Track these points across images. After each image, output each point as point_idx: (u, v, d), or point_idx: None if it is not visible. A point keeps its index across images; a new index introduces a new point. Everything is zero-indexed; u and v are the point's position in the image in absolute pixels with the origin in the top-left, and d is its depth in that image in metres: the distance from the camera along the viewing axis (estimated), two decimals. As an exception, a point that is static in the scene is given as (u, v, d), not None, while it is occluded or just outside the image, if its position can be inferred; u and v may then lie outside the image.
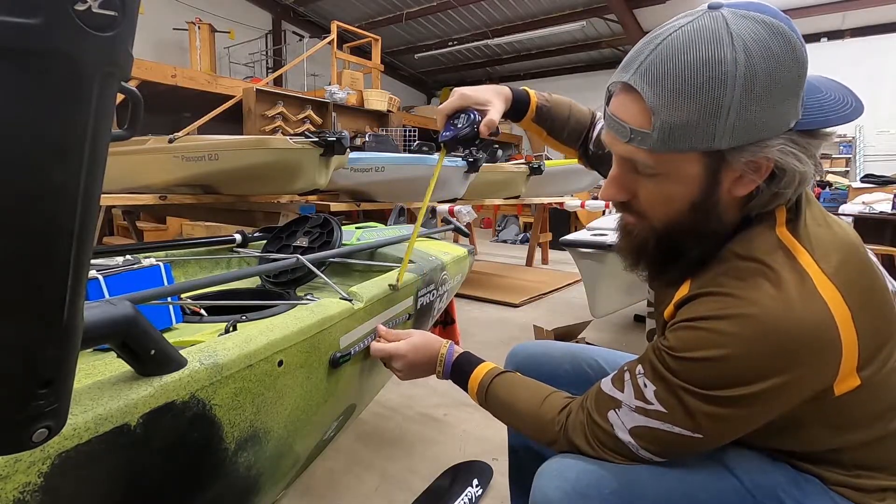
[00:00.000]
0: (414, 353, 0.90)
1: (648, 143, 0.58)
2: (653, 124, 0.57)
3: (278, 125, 4.52)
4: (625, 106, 0.60)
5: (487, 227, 9.44)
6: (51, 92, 0.29)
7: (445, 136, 0.90)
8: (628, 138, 0.60)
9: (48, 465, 0.46)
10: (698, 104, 0.54)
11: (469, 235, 2.93)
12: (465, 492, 1.38)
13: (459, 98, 0.90)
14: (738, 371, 0.56)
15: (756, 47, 0.53)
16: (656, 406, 0.62)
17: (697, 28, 0.55)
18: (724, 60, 0.53)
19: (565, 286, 4.23)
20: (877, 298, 0.60)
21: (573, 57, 10.48)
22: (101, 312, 0.50)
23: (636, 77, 0.58)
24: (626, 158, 0.63)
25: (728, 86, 0.53)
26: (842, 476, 0.63)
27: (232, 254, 1.51)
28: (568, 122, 1.00)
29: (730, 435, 0.63)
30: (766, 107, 0.54)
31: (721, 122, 0.55)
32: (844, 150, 8.15)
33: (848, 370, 0.57)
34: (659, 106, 0.56)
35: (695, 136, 0.56)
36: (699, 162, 0.58)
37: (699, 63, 0.54)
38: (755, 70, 0.53)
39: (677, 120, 0.56)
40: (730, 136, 0.55)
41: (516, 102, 0.95)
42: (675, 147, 0.57)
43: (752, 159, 0.57)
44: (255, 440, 0.71)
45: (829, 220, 0.64)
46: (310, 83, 7.92)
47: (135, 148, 2.71)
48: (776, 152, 0.56)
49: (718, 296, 0.59)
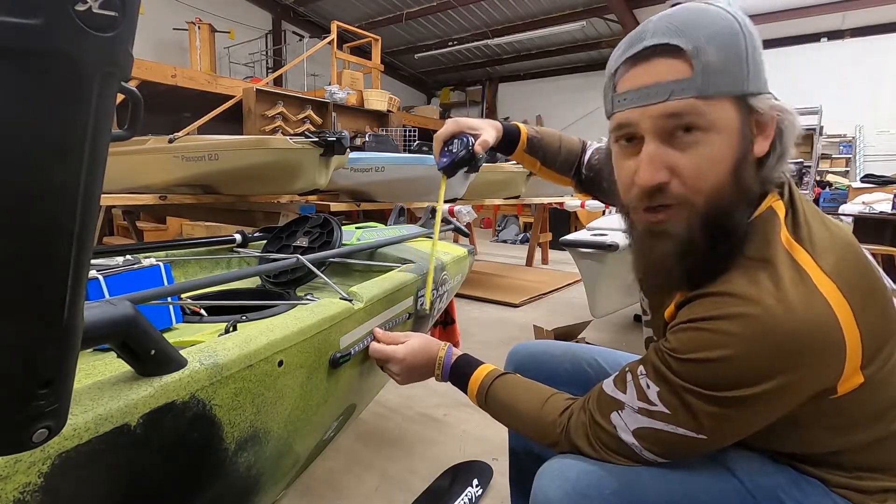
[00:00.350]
0: (412, 357, 0.90)
1: (695, 88, 0.58)
2: (694, 68, 0.58)
3: (278, 125, 4.52)
4: (654, 67, 0.60)
5: (487, 227, 9.44)
6: (51, 92, 0.29)
7: (444, 163, 0.94)
8: (668, 94, 0.59)
9: (48, 465, 0.46)
10: (727, 47, 0.58)
11: (469, 235, 2.93)
12: (465, 492, 1.38)
13: (453, 124, 0.96)
14: (742, 371, 0.56)
15: (740, 12, 0.60)
16: (660, 407, 0.61)
17: (684, 5, 0.62)
18: (727, 14, 0.59)
19: (565, 286, 4.23)
20: (877, 296, 0.60)
21: (573, 57, 10.47)
22: (101, 312, 0.50)
23: (658, 37, 0.60)
24: (667, 119, 0.59)
25: (740, 33, 0.59)
26: (843, 478, 0.63)
27: (232, 254, 1.51)
28: (560, 151, 1.04)
29: (734, 435, 0.62)
30: (760, 61, 0.60)
31: (744, 67, 0.59)
32: (844, 150, 8.15)
33: (852, 368, 0.57)
34: (696, 49, 0.58)
35: (730, 78, 0.59)
36: (735, 111, 0.60)
37: (713, 15, 0.59)
38: (748, 26, 0.60)
39: (715, 59, 0.58)
40: (751, 80, 0.59)
41: (507, 134, 1.00)
42: (717, 90, 0.58)
43: (768, 108, 0.60)
44: (255, 440, 0.71)
45: (824, 220, 0.64)
46: (310, 83, 7.92)
47: (135, 148, 2.71)
48: (775, 102, 0.61)
49: (718, 296, 0.59)
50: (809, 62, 8.38)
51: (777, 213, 0.62)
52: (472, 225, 5.66)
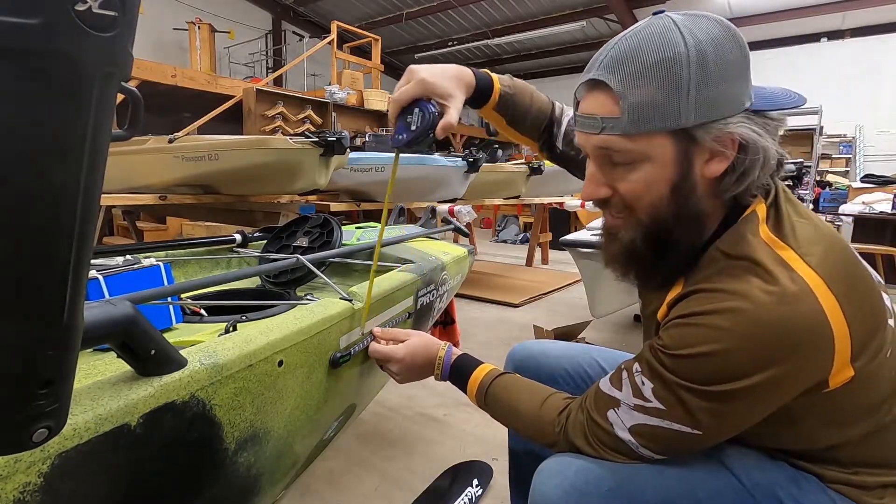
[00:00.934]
0: (411, 357, 0.90)
1: (621, 127, 0.61)
2: (621, 108, 0.61)
3: (278, 125, 4.52)
4: (593, 100, 0.64)
5: (487, 227, 9.44)
6: (51, 92, 0.29)
7: (399, 141, 0.78)
8: (600, 129, 0.63)
9: (48, 465, 0.46)
10: (659, 83, 0.59)
11: (469, 235, 2.93)
12: (465, 492, 1.38)
13: (418, 86, 0.77)
14: (734, 365, 0.57)
15: (700, 33, 0.59)
16: (655, 404, 0.62)
17: (647, 24, 0.61)
18: (675, 43, 0.58)
19: (565, 286, 4.23)
20: (861, 288, 0.61)
21: (573, 57, 10.48)
22: (101, 312, 0.50)
23: (599, 72, 0.63)
24: (601, 150, 0.65)
25: (683, 65, 0.58)
26: (840, 474, 0.64)
27: (232, 254, 1.51)
28: (530, 110, 0.92)
29: (729, 430, 0.63)
30: (721, 85, 0.59)
31: (683, 100, 0.58)
32: (844, 150, 8.15)
33: (842, 361, 0.57)
34: (624, 89, 0.60)
35: (662, 114, 0.59)
36: (670, 142, 0.61)
37: (654, 47, 0.59)
38: (704, 51, 0.58)
39: (643, 99, 0.59)
40: (693, 112, 0.59)
41: (479, 90, 0.85)
42: (645, 127, 0.60)
43: (718, 136, 0.60)
44: (255, 440, 0.71)
45: (811, 216, 0.65)
46: (310, 83, 7.92)
47: (135, 148, 2.71)
48: (738, 127, 0.60)
49: (709, 292, 0.60)
50: (809, 62, 8.39)
51: (757, 214, 0.63)
52: (472, 225, 5.66)
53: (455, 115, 0.78)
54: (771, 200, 0.65)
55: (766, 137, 0.61)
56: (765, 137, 0.61)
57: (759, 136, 0.60)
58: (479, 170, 3.21)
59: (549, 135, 0.96)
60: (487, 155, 4.94)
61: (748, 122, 0.60)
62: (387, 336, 0.94)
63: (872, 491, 0.63)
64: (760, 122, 0.61)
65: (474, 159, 3.15)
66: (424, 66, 0.79)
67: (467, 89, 0.82)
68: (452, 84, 0.79)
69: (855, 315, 0.57)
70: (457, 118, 0.78)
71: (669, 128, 0.60)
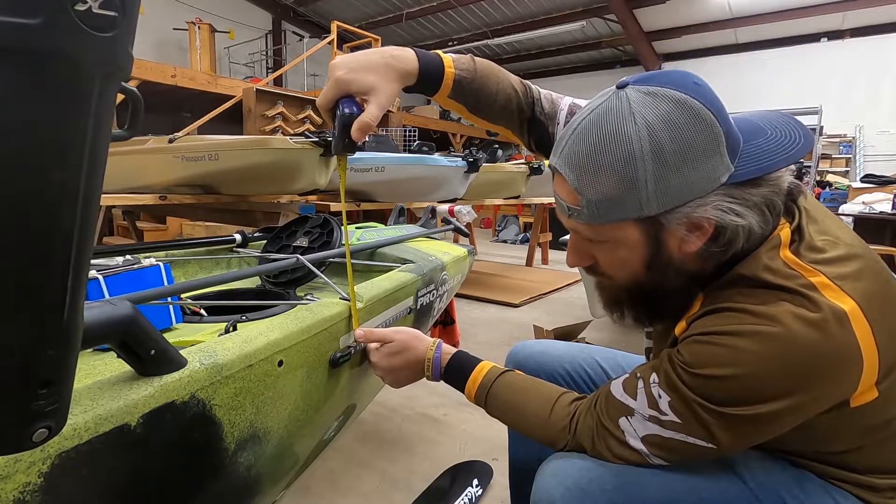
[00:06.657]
0: (388, 361, 0.87)
1: (584, 217, 0.62)
2: (580, 203, 0.61)
3: (278, 125, 4.52)
4: (559, 185, 0.65)
5: (487, 227, 9.44)
6: (51, 92, 0.29)
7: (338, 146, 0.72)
8: (568, 214, 0.64)
9: (48, 465, 0.46)
10: (614, 181, 0.58)
11: (469, 235, 2.93)
12: (465, 492, 1.38)
13: (334, 86, 0.70)
14: (757, 389, 0.56)
15: (658, 122, 0.56)
16: (671, 417, 0.61)
17: (604, 111, 0.59)
18: (628, 139, 0.56)
19: (565, 286, 4.23)
20: (893, 309, 0.59)
21: (573, 57, 10.48)
22: (101, 312, 0.50)
23: (560, 161, 0.62)
24: (573, 230, 0.67)
25: (637, 161, 0.56)
26: (850, 475, 0.63)
27: (232, 254, 1.51)
28: (496, 98, 0.80)
29: (745, 445, 0.62)
30: (684, 171, 0.56)
31: (642, 193, 0.57)
32: (844, 150, 8.15)
33: (867, 385, 0.57)
34: (580, 186, 0.60)
35: (622, 207, 0.59)
36: (637, 228, 0.61)
37: (605, 144, 0.57)
38: (660, 142, 0.55)
39: (599, 196, 0.59)
40: (656, 203, 0.57)
41: (425, 73, 0.73)
42: (606, 219, 0.61)
43: (688, 220, 0.58)
44: (255, 440, 0.71)
45: (836, 231, 0.63)
46: (310, 83, 7.93)
47: (135, 148, 2.71)
48: (711, 210, 0.57)
49: (734, 311, 0.59)
50: (809, 62, 8.39)
51: (781, 239, 0.61)
52: (472, 225, 5.65)
53: (373, 111, 0.69)
54: (796, 225, 0.62)
55: (745, 214, 0.57)
56: (743, 215, 0.57)
57: (736, 217, 0.57)
58: (479, 170, 3.21)
59: (541, 131, 0.85)
60: (487, 155, 4.93)
61: (724, 200, 0.57)
62: (371, 338, 0.89)
63: (882, 493, 0.63)
64: (741, 195, 0.57)
65: (474, 159, 3.15)
66: (344, 60, 0.70)
67: (403, 78, 0.72)
68: (376, 76, 0.70)
69: (886, 341, 0.56)
70: (376, 115, 0.69)
71: (630, 218, 0.60)
